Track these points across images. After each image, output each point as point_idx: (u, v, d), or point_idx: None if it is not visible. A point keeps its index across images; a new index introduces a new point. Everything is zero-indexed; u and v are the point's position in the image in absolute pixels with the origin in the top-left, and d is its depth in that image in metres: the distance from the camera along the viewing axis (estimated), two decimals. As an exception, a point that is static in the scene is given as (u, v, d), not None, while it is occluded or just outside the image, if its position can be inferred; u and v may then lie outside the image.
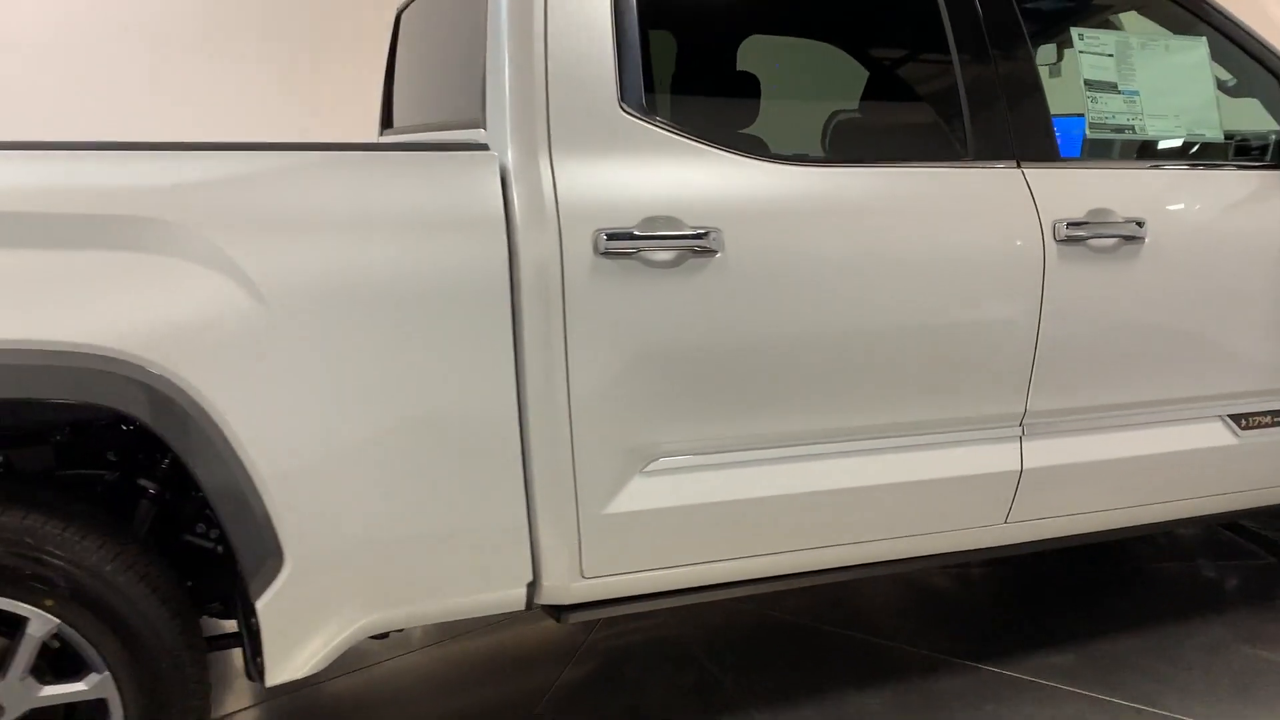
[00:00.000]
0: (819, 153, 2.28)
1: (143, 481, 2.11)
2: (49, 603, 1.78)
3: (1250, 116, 2.81)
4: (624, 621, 3.06)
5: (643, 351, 2.07)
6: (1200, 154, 2.68)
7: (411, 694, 2.74)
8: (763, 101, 2.55)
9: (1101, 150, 2.60)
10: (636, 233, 2.03)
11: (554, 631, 3.06)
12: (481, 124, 2.11)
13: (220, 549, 2.18)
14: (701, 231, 2.07)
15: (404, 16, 3.26)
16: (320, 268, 1.85)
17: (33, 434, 2.05)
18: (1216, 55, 2.71)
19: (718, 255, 2.09)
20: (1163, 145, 2.68)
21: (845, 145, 2.50)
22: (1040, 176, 2.40)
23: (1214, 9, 2.72)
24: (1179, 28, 2.73)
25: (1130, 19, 2.89)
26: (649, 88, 2.13)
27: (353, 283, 1.87)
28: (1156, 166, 2.60)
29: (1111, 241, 2.43)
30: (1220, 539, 3.76)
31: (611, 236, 2.01)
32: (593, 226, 2.01)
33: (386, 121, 3.40)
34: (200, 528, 2.19)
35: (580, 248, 2.01)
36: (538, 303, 1.99)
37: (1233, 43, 2.72)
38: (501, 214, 1.97)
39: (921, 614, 3.16)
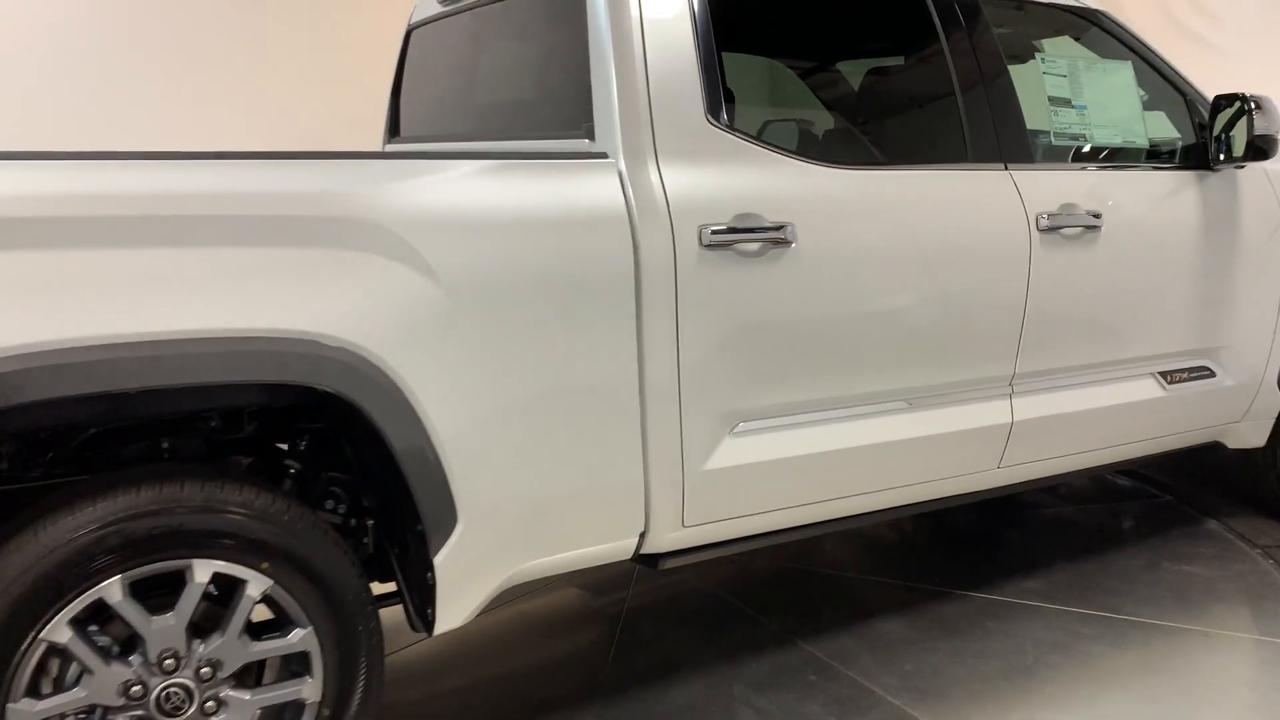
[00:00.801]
0: (864, 158, 2.68)
1: (287, 462, 2.32)
2: (265, 565, 1.99)
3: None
4: (654, 579, 3.39)
5: (734, 329, 2.42)
6: (1131, 157, 3.23)
7: (482, 655, 2.99)
8: (818, 113, 2.94)
9: (1062, 154, 3.10)
10: (735, 226, 2.38)
11: (586, 596, 3.36)
12: (588, 135, 2.41)
13: (352, 522, 2.39)
14: (780, 225, 2.44)
15: (415, 35, 3.49)
16: (486, 259, 2.13)
17: (185, 422, 2.22)
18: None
19: (793, 246, 2.46)
20: (1106, 150, 3.21)
21: (883, 151, 2.91)
22: (1022, 176, 2.89)
23: (1134, 37, 3.28)
24: (1107, 53, 3.28)
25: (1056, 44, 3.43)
26: (727, 103, 2.48)
27: (509, 272, 2.15)
28: (1103, 168, 3.14)
29: (1077, 230, 2.94)
30: (1106, 486, 4.38)
31: (716, 231, 2.36)
32: (696, 223, 2.35)
33: (394, 130, 3.61)
34: (329, 504, 2.39)
35: (688, 241, 2.34)
36: (656, 288, 2.31)
37: (1148, 65, 3.30)
38: (625, 213, 2.29)
39: (903, 556, 3.63)
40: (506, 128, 2.94)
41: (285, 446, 2.36)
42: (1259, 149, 3.09)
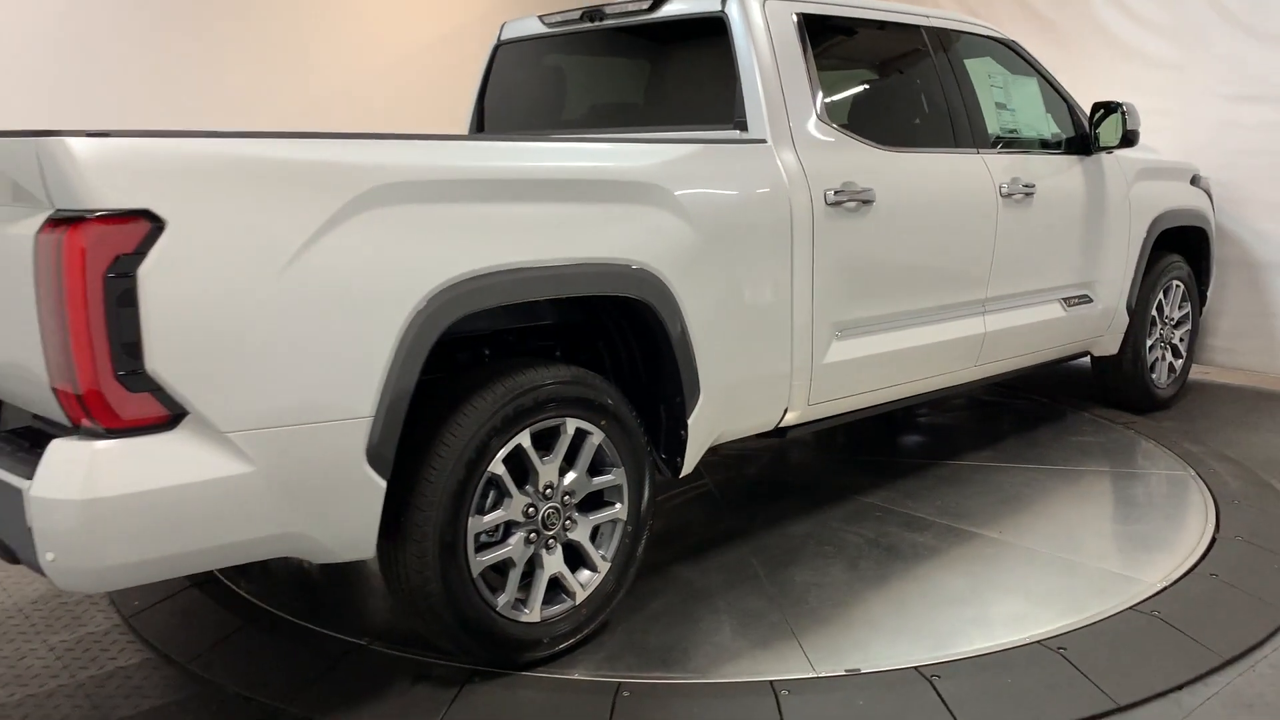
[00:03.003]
0: (900, 142, 3.80)
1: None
2: (602, 422, 2.86)
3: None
4: (721, 471, 4.38)
5: (842, 262, 3.47)
6: (1041, 145, 4.54)
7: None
8: (870, 111, 4.01)
9: (1004, 142, 4.34)
10: (843, 190, 3.43)
11: (674, 484, 4.30)
12: (739, 127, 3.39)
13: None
14: (867, 189, 3.52)
15: (502, 50, 4.32)
16: (715, 209, 3.08)
17: (495, 335, 3.03)
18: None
19: (874, 204, 3.55)
20: (1028, 139, 4.50)
21: (909, 139, 4.00)
22: (988, 158, 4.11)
23: (1033, 58, 4.60)
24: (1015, 69, 4.57)
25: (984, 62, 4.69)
26: (825, 104, 3.52)
27: (725, 218, 3.11)
28: (1027, 152, 4.41)
29: (1021, 196, 4.19)
30: (989, 401, 5.75)
31: (835, 193, 3.40)
32: (822, 188, 3.39)
33: (479, 127, 4.42)
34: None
35: (818, 200, 3.37)
36: (800, 233, 3.33)
37: (1043, 79, 4.62)
38: (783, 181, 3.29)
39: (887, 444, 4.79)
40: (631, 123, 3.86)
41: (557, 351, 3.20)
42: (1128, 139, 4.49)
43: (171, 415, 2.14)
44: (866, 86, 4.06)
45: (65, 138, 2.01)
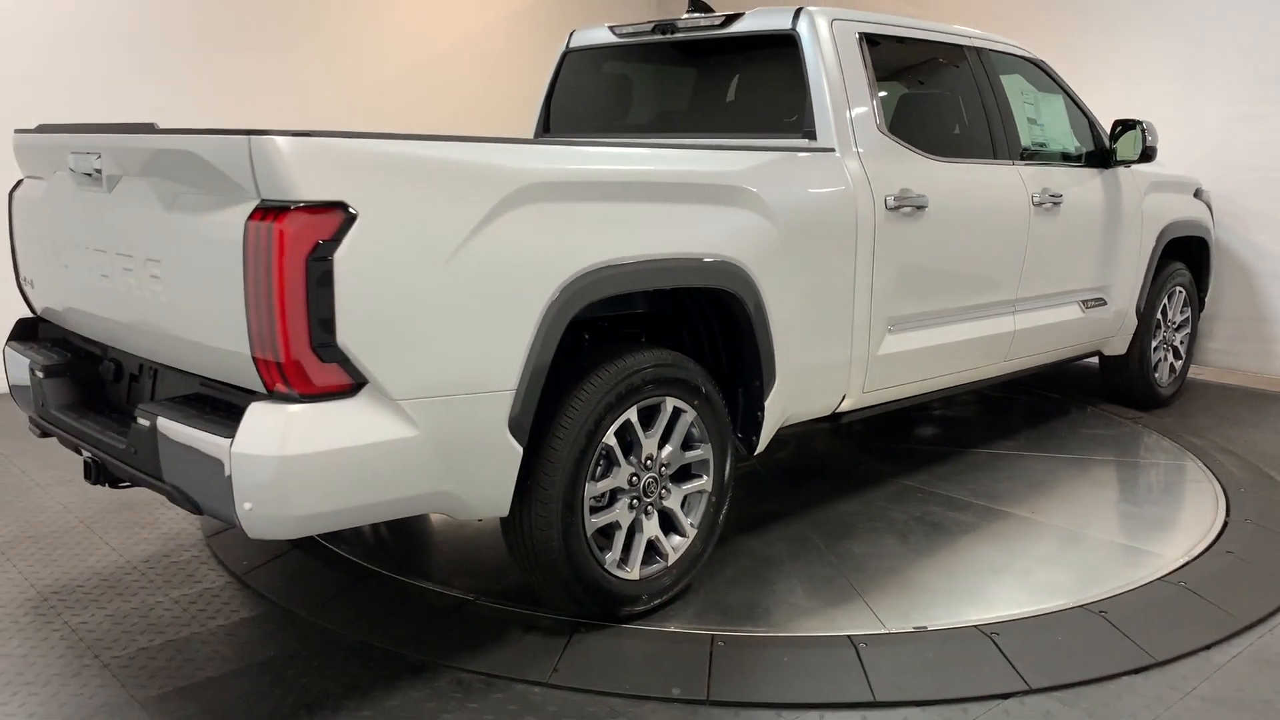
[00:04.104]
0: (949, 153, 4.13)
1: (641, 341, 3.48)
2: (695, 402, 3.17)
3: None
4: (764, 455, 4.68)
5: (898, 263, 3.79)
6: (1065, 159, 4.88)
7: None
8: (920, 123, 4.33)
9: (1035, 155, 4.69)
10: (901, 196, 3.76)
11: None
12: (808, 136, 3.70)
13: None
14: (921, 195, 3.84)
15: (571, 56, 4.61)
16: (794, 211, 3.39)
17: (589, 321, 3.32)
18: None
19: (927, 210, 3.87)
20: (1055, 152, 4.85)
21: (955, 149, 4.33)
22: (1022, 169, 4.45)
23: (1059, 76, 4.94)
24: (1042, 87, 4.92)
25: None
26: (883, 118, 3.84)
27: (803, 219, 3.42)
28: (1054, 164, 4.76)
29: (1050, 205, 4.54)
30: (1003, 397, 6.10)
31: (894, 199, 3.72)
32: (883, 194, 3.71)
33: (545, 129, 4.71)
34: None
35: (879, 206, 3.69)
36: (864, 235, 3.65)
37: (1067, 96, 4.97)
38: (850, 186, 3.61)
39: (919, 431, 5.13)
40: (695, 130, 4.16)
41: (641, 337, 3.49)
42: (1146, 155, 4.85)
43: (354, 384, 2.41)
44: (917, 100, 4.38)
45: (275, 136, 2.28)
